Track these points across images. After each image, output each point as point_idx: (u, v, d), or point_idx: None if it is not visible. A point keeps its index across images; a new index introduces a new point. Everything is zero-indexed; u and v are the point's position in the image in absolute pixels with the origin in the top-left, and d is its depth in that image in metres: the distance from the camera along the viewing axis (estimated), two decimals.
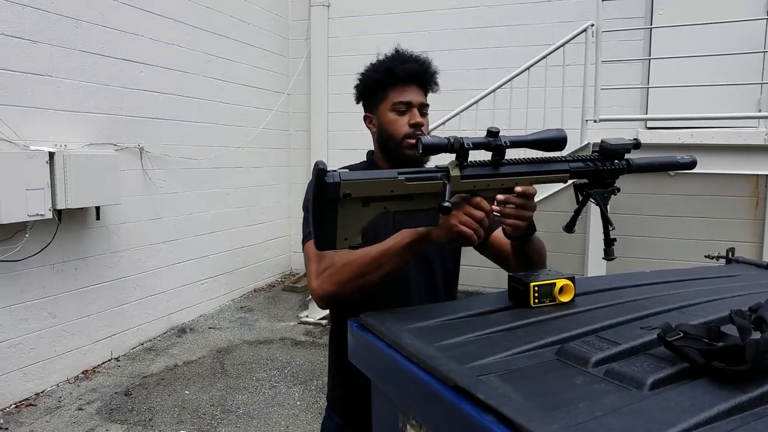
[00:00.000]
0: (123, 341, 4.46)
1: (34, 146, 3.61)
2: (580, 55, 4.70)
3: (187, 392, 3.88)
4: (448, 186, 1.18)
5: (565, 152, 4.91)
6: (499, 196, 1.27)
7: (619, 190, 1.30)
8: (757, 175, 5.33)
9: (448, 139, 1.17)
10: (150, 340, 4.73)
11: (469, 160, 1.21)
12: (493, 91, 4.76)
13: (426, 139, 1.16)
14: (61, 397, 3.75)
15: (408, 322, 1.14)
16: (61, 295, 3.93)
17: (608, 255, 1.31)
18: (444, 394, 0.85)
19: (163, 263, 4.87)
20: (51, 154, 3.61)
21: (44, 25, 3.75)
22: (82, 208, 3.92)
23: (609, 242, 1.32)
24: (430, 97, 1.59)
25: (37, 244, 3.68)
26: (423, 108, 1.56)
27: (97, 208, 4.02)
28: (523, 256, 1.45)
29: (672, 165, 1.34)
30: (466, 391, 0.82)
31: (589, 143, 4.63)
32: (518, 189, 1.26)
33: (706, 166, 4.55)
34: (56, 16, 3.83)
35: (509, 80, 4.74)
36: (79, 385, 3.93)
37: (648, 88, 5.44)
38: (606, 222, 1.31)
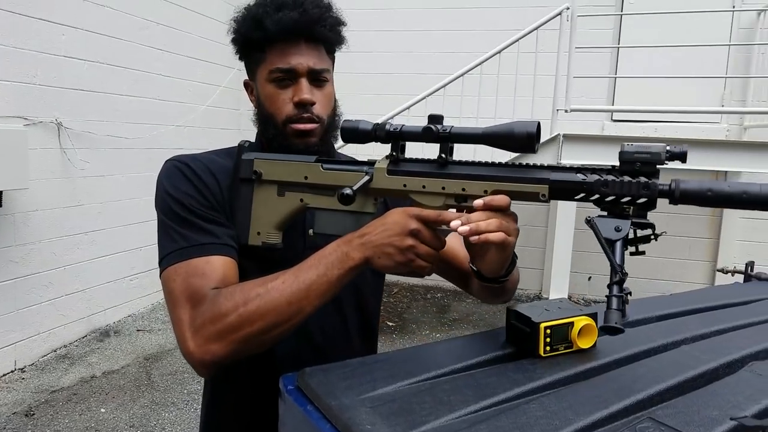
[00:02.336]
0: (30, 348, 3.85)
1: None
2: (552, 43, 4.43)
3: (103, 410, 3.34)
4: (366, 177, 0.96)
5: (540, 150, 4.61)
6: (455, 222, 0.89)
7: (653, 229, 0.82)
8: (717, 171, 5.25)
9: (374, 124, 0.96)
10: (65, 346, 4.13)
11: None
12: (462, 75, 4.42)
13: (345, 122, 0.98)
14: None
15: (368, 386, 0.85)
16: None
17: (609, 321, 0.78)
18: None
19: (84, 257, 4.26)
20: None
21: None
22: None
23: (615, 301, 0.79)
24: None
25: None
26: (316, 75, 1.09)
27: None
28: (492, 293, 1.10)
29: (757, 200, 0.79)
30: None
31: (559, 134, 4.39)
32: (478, 202, 0.89)
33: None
34: None
35: (479, 64, 4.41)
36: None
37: (617, 77, 5.31)
38: (613, 269, 0.80)
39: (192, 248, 1.00)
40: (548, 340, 0.95)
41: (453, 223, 0.88)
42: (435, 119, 0.93)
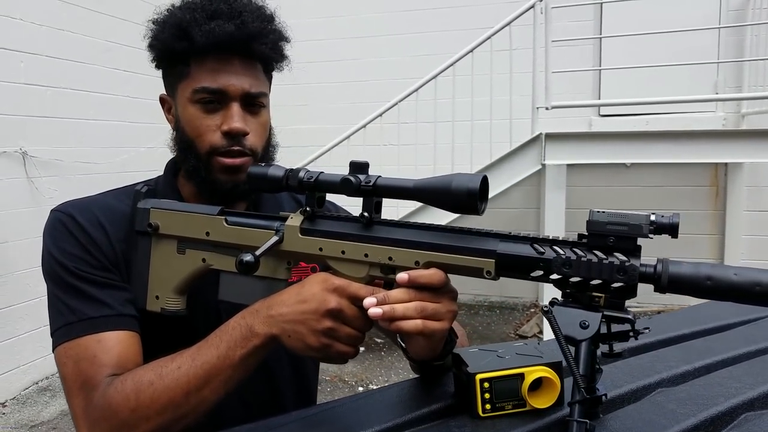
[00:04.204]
0: (10, 382, 3.78)
1: None
2: (527, 39, 4.27)
3: None
4: (274, 239, 0.80)
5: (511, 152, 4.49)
6: (369, 300, 0.72)
7: (632, 324, 0.65)
8: (716, 163, 5.03)
9: (287, 170, 0.81)
10: (46, 378, 4.05)
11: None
12: (434, 77, 4.27)
13: (253, 168, 0.82)
14: None
15: None
16: None
17: None
18: None
19: None
20: None
21: None
22: None
23: (576, 429, 0.63)
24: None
25: None
26: (251, 99, 0.94)
27: None
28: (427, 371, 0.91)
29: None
30: None
31: (541, 134, 4.22)
32: (401, 277, 0.72)
33: (662, 155, 4.24)
34: None
35: (451, 65, 4.26)
36: None
37: (600, 70, 5.14)
38: (575, 384, 0.64)
39: (81, 324, 0.85)
40: (487, 396, 0.77)
41: (366, 301, 0.72)
42: (358, 167, 0.77)
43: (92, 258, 0.89)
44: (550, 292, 4.61)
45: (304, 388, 1.07)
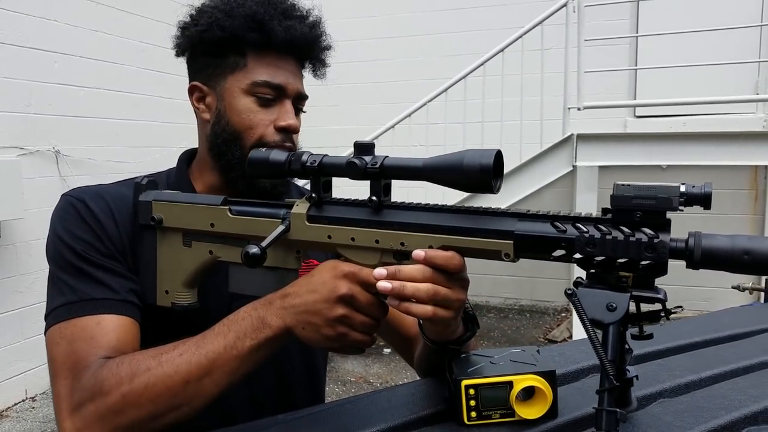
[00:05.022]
0: (40, 377, 3.85)
1: None
2: (560, 38, 4.19)
3: None
4: (281, 228, 0.76)
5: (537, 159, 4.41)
6: (379, 270, 0.69)
7: (663, 303, 0.61)
8: (756, 166, 4.86)
9: (289, 153, 0.78)
10: None
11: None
12: (464, 77, 4.22)
13: (255, 152, 0.80)
14: None
15: None
16: None
17: None
18: None
19: None
20: None
21: None
22: None
23: (606, 419, 0.59)
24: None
25: None
26: (299, 101, 0.95)
27: None
28: (437, 362, 0.87)
29: None
30: None
31: (572, 134, 4.13)
32: (418, 253, 0.68)
33: (700, 157, 4.11)
34: None
35: (481, 65, 4.20)
36: None
37: (635, 69, 4.99)
38: (604, 371, 0.60)
39: (82, 304, 0.83)
40: (473, 403, 0.74)
41: (376, 271, 0.69)
42: (363, 148, 0.74)
43: (101, 244, 0.87)
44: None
45: (314, 386, 1.05)
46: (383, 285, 0.68)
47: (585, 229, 0.62)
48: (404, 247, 0.71)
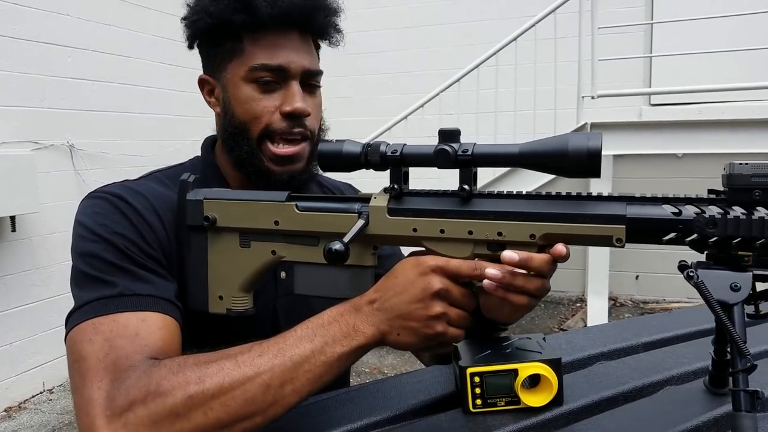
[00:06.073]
0: (57, 369, 3.89)
1: None
2: (573, 26, 4.14)
3: None
4: (360, 222, 0.72)
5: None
6: (511, 255, 0.67)
7: None
8: None
9: (364, 145, 0.72)
10: None
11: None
12: (476, 67, 4.19)
13: (324, 145, 0.74)
14: None
15: None
16: None
17: (740, 430, 0.58)
18: None
19: None
20: None
21: None
22: None
23: (744, 399, 0.58)
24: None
25: None
26: (310, 78, 0.88)
27: (12, 218, 3.43)
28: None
29: None
30: None
31: (586, 123, 4.09)
32: (510, 256, 0.65)
33: (717, 145, 4.06)
34: None
35: (493, 54, 4.17)
36: None
37: (649, 57, 4.93)
38: (737, 350, 0.59)
39: (123, 299, 0.74)
40: (478, 391, 0.74)
41: (488, 271, 0.66)
42: (449, 135, 0.70)
43: (145, 244, 0.81)
44: (595, 288, 4.47)
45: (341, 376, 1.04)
46: (492, 272, 0.65)
47: (703, 210, 0.61)
48: (502, 237, 0.68)
